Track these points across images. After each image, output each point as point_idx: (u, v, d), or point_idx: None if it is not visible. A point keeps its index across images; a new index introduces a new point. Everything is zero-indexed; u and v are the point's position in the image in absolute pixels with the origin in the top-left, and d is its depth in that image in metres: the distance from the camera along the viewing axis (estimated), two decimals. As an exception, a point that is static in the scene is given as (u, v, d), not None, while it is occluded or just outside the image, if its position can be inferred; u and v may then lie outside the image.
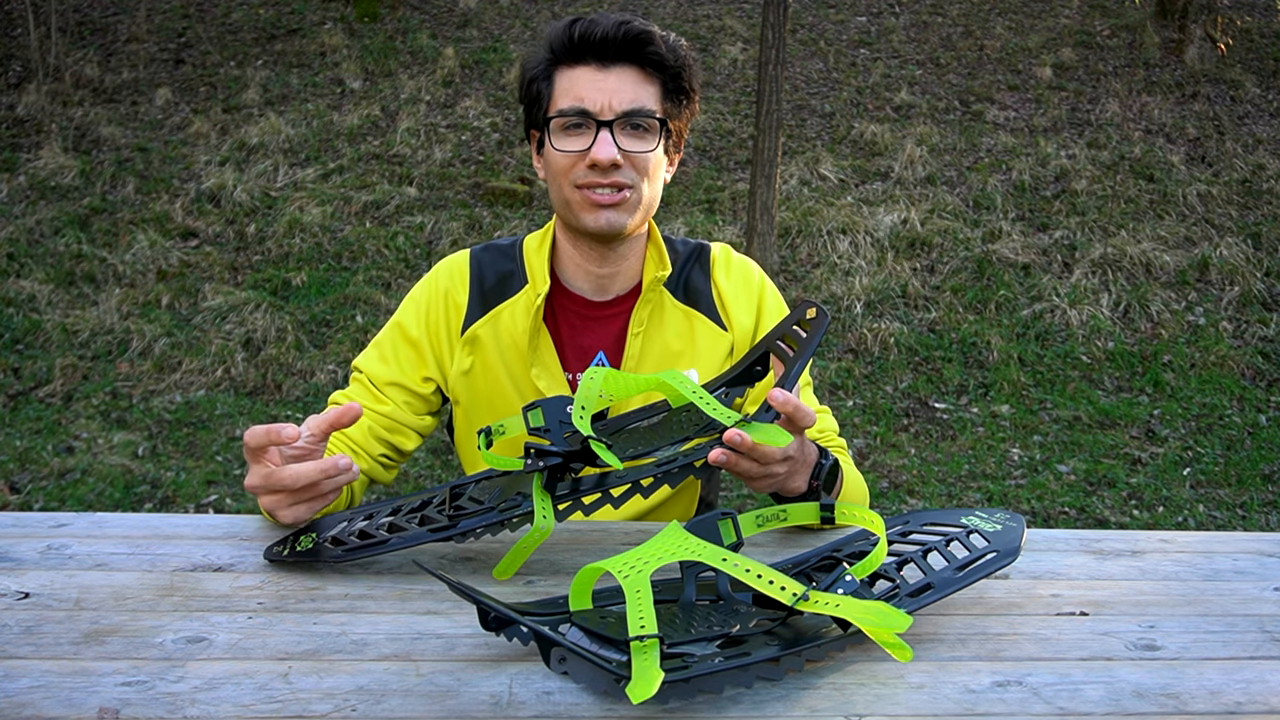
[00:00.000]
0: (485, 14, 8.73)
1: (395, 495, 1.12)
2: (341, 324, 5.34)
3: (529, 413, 0.97)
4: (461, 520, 0.97)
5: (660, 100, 1.26)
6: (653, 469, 0.99)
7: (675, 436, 1.03)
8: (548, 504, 0.96)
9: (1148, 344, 5.32)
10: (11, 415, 4.61)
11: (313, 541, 1.00)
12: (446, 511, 1.00)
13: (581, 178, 1.24)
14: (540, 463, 0.95)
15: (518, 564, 0.98)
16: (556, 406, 0.96)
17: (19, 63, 7.91)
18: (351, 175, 6.66)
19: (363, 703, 0.75)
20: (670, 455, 1.00)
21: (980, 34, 8.40)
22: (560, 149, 1.24)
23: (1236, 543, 1.16)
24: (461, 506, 1.00)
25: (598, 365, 1.32)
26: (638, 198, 1.26)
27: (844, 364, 5.13)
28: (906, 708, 0.77)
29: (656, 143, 1.25)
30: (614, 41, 1.21)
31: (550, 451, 0.94)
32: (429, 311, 1.35)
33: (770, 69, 5.47)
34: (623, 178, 1.24)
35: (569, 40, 1.22)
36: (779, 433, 0.96)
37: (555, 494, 0.98)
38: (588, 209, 1.25)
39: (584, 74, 1.23)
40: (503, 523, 0.97)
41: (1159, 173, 6.68)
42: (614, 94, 1.22)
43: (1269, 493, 4.17)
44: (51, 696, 0.75)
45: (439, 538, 0.96)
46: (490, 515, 0.97)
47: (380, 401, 1.32)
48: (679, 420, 1.08)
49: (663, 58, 1.24)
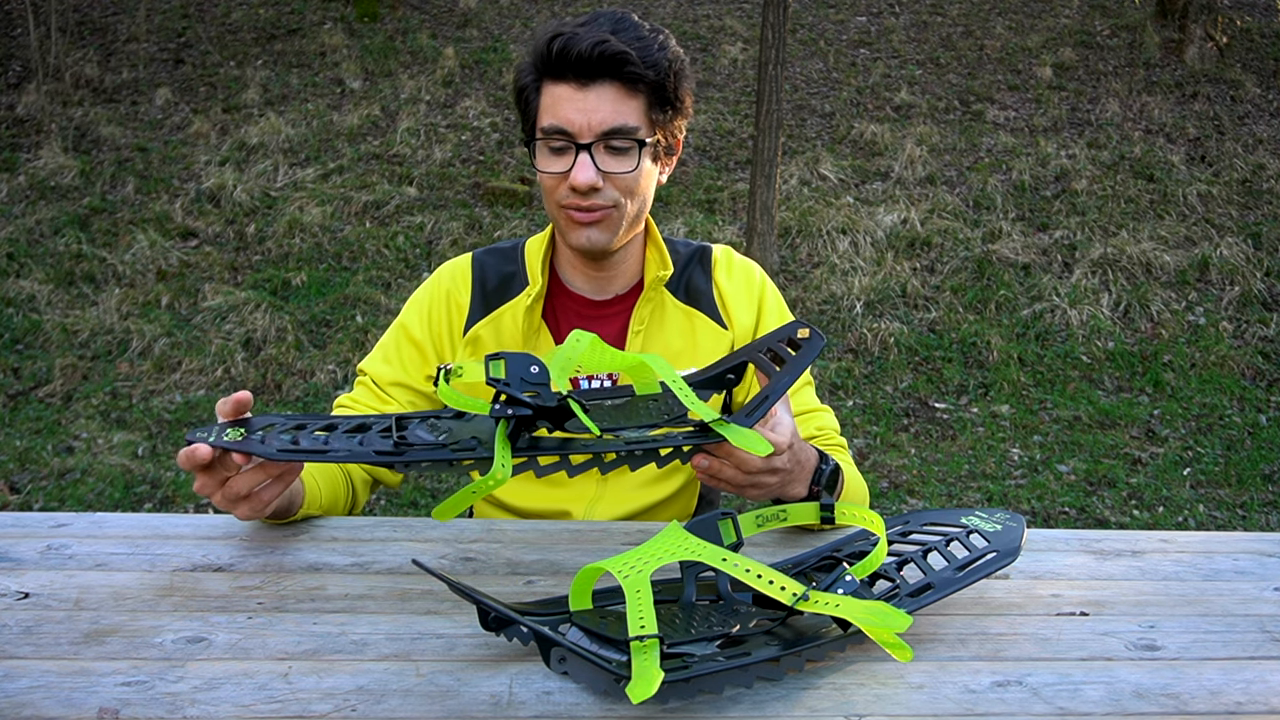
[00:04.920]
0: (485, 14, 8.73)
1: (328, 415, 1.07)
2: (341, 324, 5.34)
3: (491, 362, 0.94)
4: (409, 451, 0.94)
5: (645, 114, 1.24)
6: (619, 446, 0.97)
7: (642, 421, 1.02)
8: (507, 453, 0.93)
9: (1148, 344, 5.32)
10: (11, 415, 4.61)
11: (241, 435, 0.95)
12: (392, 437, 0.96)
13: (564, 198, 1.24)
14: (509, 410, 0.92)
15: (462, 506, 0.95)
16: (520, 363, 0.93)
17: (19, 63, 7.91)
18: (351, 175, 6.66)
19: (363, 703, 0.75)
20: (638, 438, 0.98)
21: (980, 34, 8.39)
22: (544, 170, 1.24)
23: (1236, 543, 1.16)
24: (407, 438, 0.97)
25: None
26: (620, 215, 1.26)
27: (844, 364, 5.13)
28: (906, 708, 0.77)
29: (638, 162, 1.24)
30: (590, 61, 1.19)
31: (522, 402, 0.91)
32: (431, 312, 1.36)
33: (770, 69, 5.47)
34: (603, 199, 1.23)
35: (548, 56, 1.21)
36: (757, 439, 0.95)
37: (515, 447, 0.95)
38: (571, 227, 1.25)
39: (564, 92, 1.21)
40: (451, 463, 0.94)
41: (1159, 173, 6.68)
42: (593, 114, 1.20)
43: (1269, 493, 4.16)
44: (51, 696, 0.75)
45: (383, 461, 0.93)
46: (440, 452, 0.94)
47: (385, 402, 1.33)
48: (645, 406, 1.07)
49: (642, 76, 1.21)
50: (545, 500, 1.32)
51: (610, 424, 1.01)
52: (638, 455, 0.98)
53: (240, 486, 0.97)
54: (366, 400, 1.34)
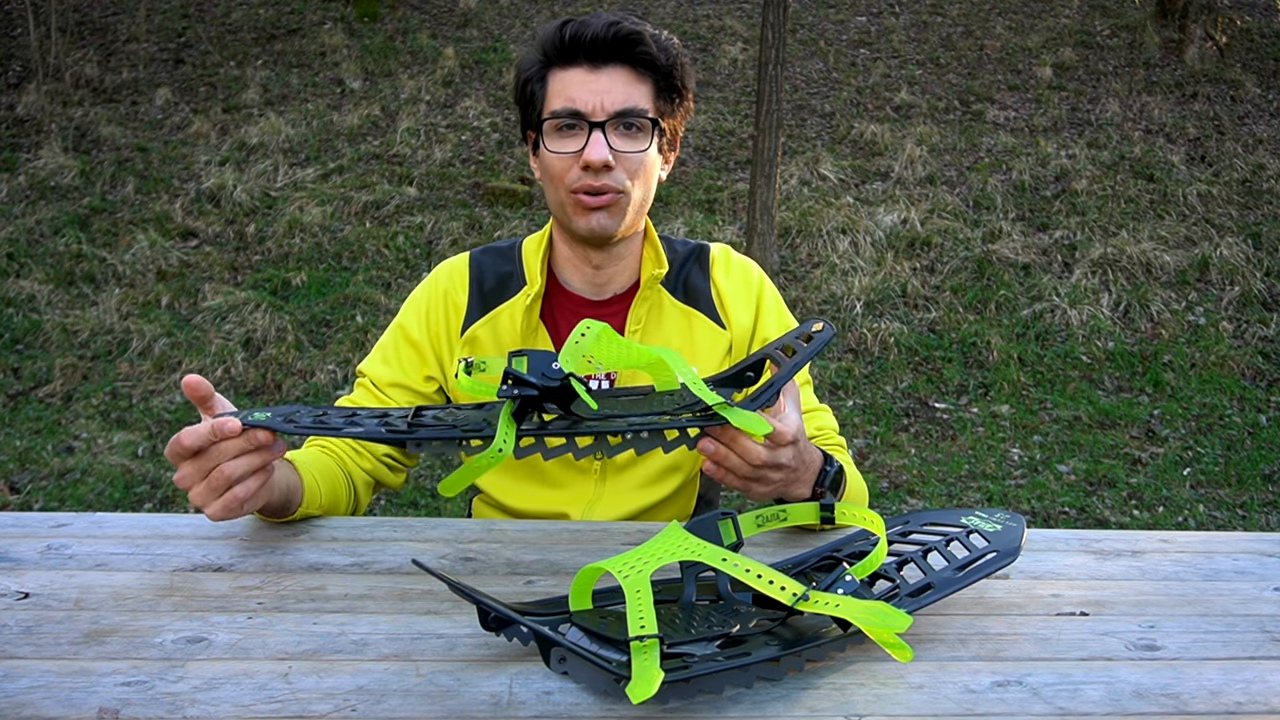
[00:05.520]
0: (485, 14, 8.73)
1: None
2: (341, 324, 5.34)
3: (514, 359, 0.96)
4: (420, 430, 0.97)
5: (653, 99, 1.26)
6: (624, 428, 0.98)
7: (653, 409, 1.03)
8: (511, 431, 0.95)
9: (1148, 344, 5.32)
10: (11, 415, 4.61)
11: (266, 415, 0.99)
12: (408, 420, 1.00)
13: (575, 180, 1.24)
14: (516, 390, 0.94)
15: (466, 481, 0.97)
16: (542, 359, 0.95)
17: (19, 63, 7.91)
18: (351, 175, 6.66)
19: (363, 703, 0.75)
20: (643, 421, 0.99)
21: (980, 34, 8.39)
22: (554, 150, 1.25)
23: (1236, 543, 1.16)
24: (424, 422, 1.00)
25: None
26: (628, 200, 1.26)
27: (844, 364, 5.12)
28: (906, 708, 0.77)
29: (649, 143, 1.26)
30: (604, 42, 1.22)
31: (528, 381, 0.93)
32: (429, 312, 1.36)
33: (770, 69, 5.47)
34: (614, 180, 1.24)
35: (560, 41, 1.23)
36: (758, 420, 0.96)
37: (521, 428, 0.97)
38: (579, 212, 1.26)
39: (576, 75, 1.23)
40: (459, 442, 0.96)
41: (1159, 173, 6.68)
42: (606, 94, 1.22)
43: (1269, 493, 4.16)
44: (51, 696, 0.75)
45: (392, 439, 0.95)
46: (449, 431, 0.96)
47: (384, 403, 1.33)
48: (661, 399, 1.08)
49: (654, 57, 1.24)
50: (543, 502, 1.32)
51: (621, 412, 1.02)
52: (643, 437, 0.99)
53: (231, 470, 0.96)
54: (365, 402, 1.34)
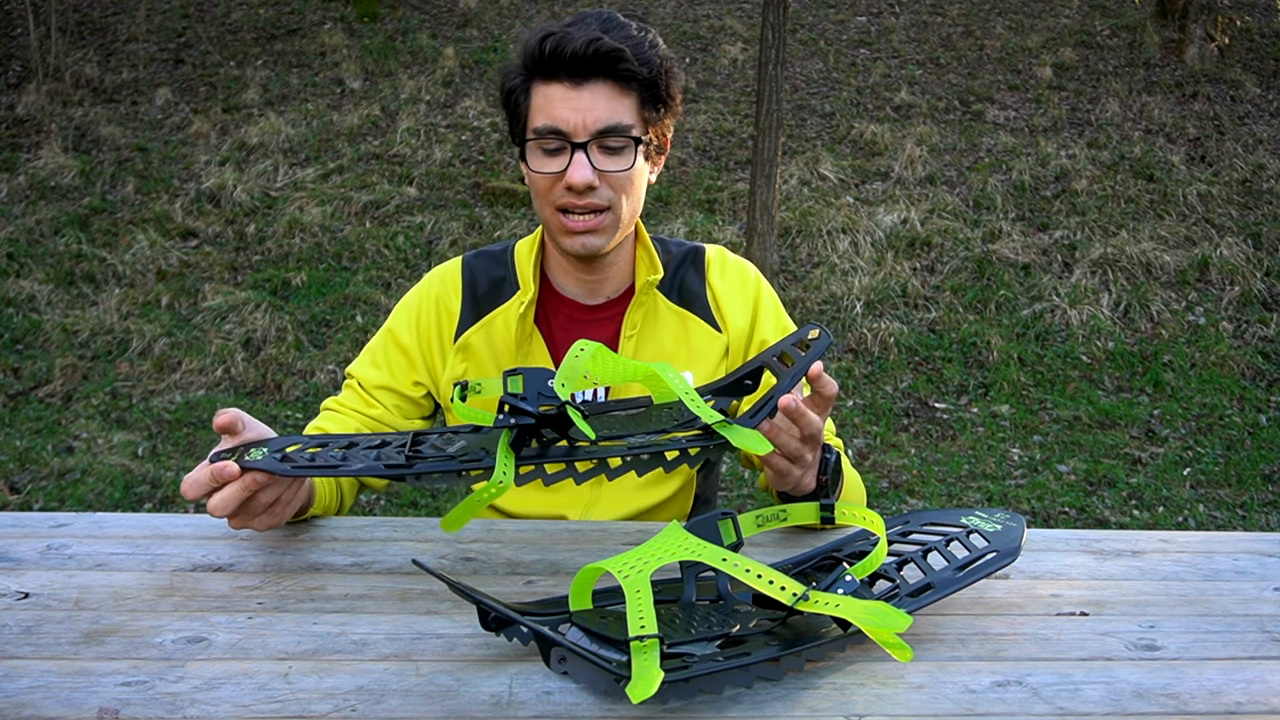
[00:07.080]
0: (485, 14, 8.73)
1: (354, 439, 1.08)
2: (341, 324, 5.34)
3: (509, 378, 0.95)
4: (418, 463, 0.95)
5: (637, 112, 1.23)
6: (624, 451, 0.97)
7: (652, 428, 1.02)
8: (510, 462, 0.94)
9: (1148, 344, 5.32)
10: (11, 415, 4.61)
11: (263, 454, 0.97)
12: (405, 452, 0.98)
13: (559, 198, 1.23)
14: (512, 419, 0.93)
15: (467, 517, 0.97)
16: (538, 377, 0.94)
17: (19, 63, 7.91)
18: (351, 175, 6.66)
19: (363, 703, 0.75)
20: (643, 442, 0.99)
21: (980, 34, 8.39)
22: (537, 170, 1.23)
23: (1236, 543, 1.16)
24: (421, 453, 0.98)
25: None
26: (614, 218, 1.25)
27: (844, 364, 5.12)
28: (906, 708, 0.77)
29: (634, 159, 1.23)
30: (585, 59, 1.19)
31: (524, 410, 0.92)
32: (420, 318, 1.36)
33: (770, 69, 5.47)
34: (599, 199, 1.23)
35: (541, 56, 1.20)
36: (758, 439, 0.96)
37: (520, 456, 0.96)
38: (565, 234, 1.25)
39: (557, 91, 1.21)
40: (459, 474, 0.95)
41: (1159, 173, 6.68)
42: (587, 112, 1.20)
43: (1269, 493, 4.16)
44: (51, 696, 0.75)
45: (392, 475, 0.94)
46: (449, 464, 0.95)
47: (370, 405, 1.33)
48: (659, 414, 1.07)
49: (635, 72, 1.21)
50: (541, 505, 1.31)
51: (620, 431, 1.01)
52: (644, 459, 0.98)
53: (268, 498, 0.99)
54: (352, 403, 1.33)
